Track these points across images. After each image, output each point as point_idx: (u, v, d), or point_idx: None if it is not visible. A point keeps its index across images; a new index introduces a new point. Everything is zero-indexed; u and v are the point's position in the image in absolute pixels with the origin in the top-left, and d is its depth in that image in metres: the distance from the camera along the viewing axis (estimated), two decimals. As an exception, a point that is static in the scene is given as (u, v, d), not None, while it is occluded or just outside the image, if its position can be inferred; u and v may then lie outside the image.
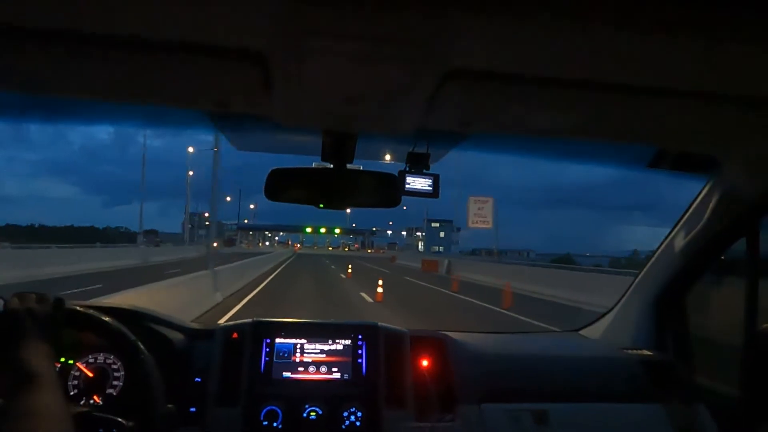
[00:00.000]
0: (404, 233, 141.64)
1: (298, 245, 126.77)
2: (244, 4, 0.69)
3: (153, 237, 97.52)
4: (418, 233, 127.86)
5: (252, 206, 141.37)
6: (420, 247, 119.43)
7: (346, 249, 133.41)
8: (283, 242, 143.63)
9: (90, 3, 0.71)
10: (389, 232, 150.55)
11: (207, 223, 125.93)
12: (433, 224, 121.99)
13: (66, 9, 0.72)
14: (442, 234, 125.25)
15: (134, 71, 0.97)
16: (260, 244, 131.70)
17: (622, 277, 16.09)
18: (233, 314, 12.12)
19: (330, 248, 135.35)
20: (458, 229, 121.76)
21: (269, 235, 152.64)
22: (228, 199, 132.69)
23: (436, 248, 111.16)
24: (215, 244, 79.52)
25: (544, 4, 0.66)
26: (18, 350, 1.21)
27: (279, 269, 31.90)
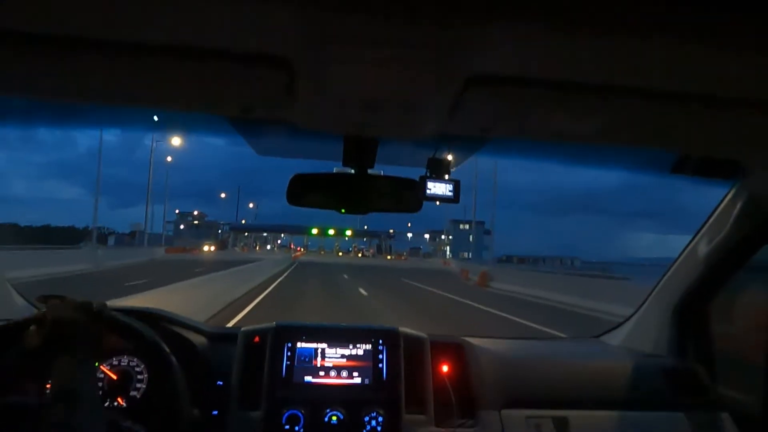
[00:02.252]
0: (426, 236, 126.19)
1: (301, 249, 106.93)
2: (271, 12, 0.70)
3: (123, 237, 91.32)
4: (443, 236, 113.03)
5: (251, 205, 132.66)
6: (447, 253, 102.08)
7: (360, 255, 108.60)
8: (285, 246, 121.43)
9: (119, 11, 0.72)
10: (409, 234, 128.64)
11: (196, 222, 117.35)
12: (461, 226, 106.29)
13: (99, 17, 0.74)
14: (471, 237, 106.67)
15: (161, 77, 0.99)
16: (257, 248, 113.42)
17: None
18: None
19: (340, 253, 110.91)
20: (489, 232, 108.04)
21: (270, 237, 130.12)
22: (223, 195, 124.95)
23: (465, 254, 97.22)
24: (209, 248, 66.97)
25: (565, 10, 0.66)
26: (63, 362, 1.22)
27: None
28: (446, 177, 1.52)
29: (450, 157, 1.51)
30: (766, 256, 1.77)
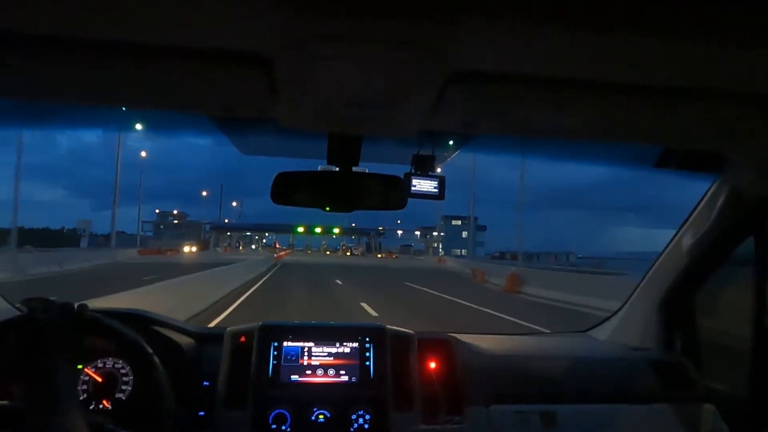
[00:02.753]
0: (417, 233, 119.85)
1: (287, 249, 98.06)
2: (252, 11, 0.70)
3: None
4: (435, 233, 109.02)
5: (234, 204, 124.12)
6: (440, 250, 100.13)
7: (348, 253, 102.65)
8: (270, 245, 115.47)
9: (96, 10, 0.71)
10: (399, 232, 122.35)
11: (176, 222, 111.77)
12: (453, 222, 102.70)
13: (71, 15, 0.73)
14: (464, 234, 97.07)
15: (141, 77, 0.98)
16: (240, 248, 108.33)
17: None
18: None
19: (327, 252, 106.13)
20: (484, 228, 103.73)
21: (256, 237, 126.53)
22: (204, 193, 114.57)
23: (458, 251, 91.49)
24: (190, 249, 63.96)
25: (547, 5, 0.66)
26: (42, 363, 1.22)
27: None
28: (431, 174, 1.53)
29: (435, 154, 1.52)
30: (750, 248, 1.78)
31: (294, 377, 1.81)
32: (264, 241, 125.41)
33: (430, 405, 1.83)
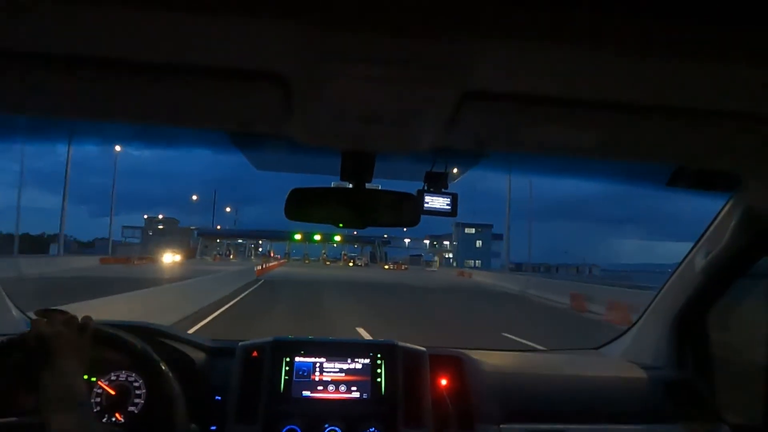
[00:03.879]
0: (426, 242, 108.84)
1: (282, 258, 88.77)
2: (267, 31, 0.71)
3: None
4: (446, 242, 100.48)
5: (228, 209, 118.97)
6: (452, 261, 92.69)
7: (351, 264, 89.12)
8: (265, 254, 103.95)
9: (119, 30, 0.73)
10: (407, 240, 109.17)
11: (160, 227, 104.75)
12: (466, 230, 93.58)
13: (99, 36, 0.75)
14: (479, 243, 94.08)
15: (158, 94, 1.00)
16: (232, 257, 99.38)
17: None
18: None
19: (327, 263, 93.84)
20: (500, 237, 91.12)
21: (252, 245, 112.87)
22: (194, 197, 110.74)
23: (471, 262, 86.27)
24: (173, 257, 56.66)
25: (560, 27, 0.67)
26: (46, 373, 1.25)
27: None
28: (443, 190, 1.53)
29: (448, 171, 1.52)
30: (765, 266, 1.77)
31: (306, 393, 1.81)
32: (260, 249, 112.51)
33: (440, 422, 1.82)
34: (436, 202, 1.53)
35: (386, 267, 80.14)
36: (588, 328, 14.82)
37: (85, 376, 1.68)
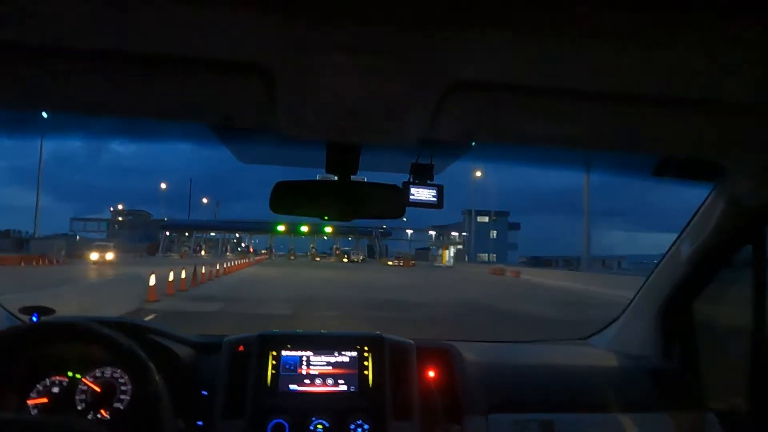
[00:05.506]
0: (432, 233, 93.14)
1: (262, 254, 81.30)
2: (252, 22, 0.70)
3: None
4: (454, 233, 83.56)
5: (204, 200, 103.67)
6: (448, 256, 77.36)
7: (345, 259, 74.05)
8: (244, 249, 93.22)
9: (100, 21, 0.72)
10: (409, 231, 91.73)
11: (120, 219, 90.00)
12: (479, 218, 75.91)
13: (79, 26, 0.74)
14: (493, 233, 77.02)
15: (139, 86, 0.99)
16: (203, 252, 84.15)
17: None
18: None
19: (317, 258, 79.25)
20: (516, 226, 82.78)
21: (234, 238, 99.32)
22: (163, 186, 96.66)
23: (485, 256, 74.69)
24: (100, 255, 41.04)
25: (544, 18, 0.67)
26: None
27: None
28: (429, 182, 1.53)
29: (433, 163, 1.52)
30: (748, 255, 1.78)
31: (292, 386, 1.81)
32: (243, 244, 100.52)
33: (428, 414, 1.82)
34: (422, 193, 1.52)
35: (389, 263, 66.26)
36: None
37: (69, 373, 1.68)
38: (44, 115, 1.35)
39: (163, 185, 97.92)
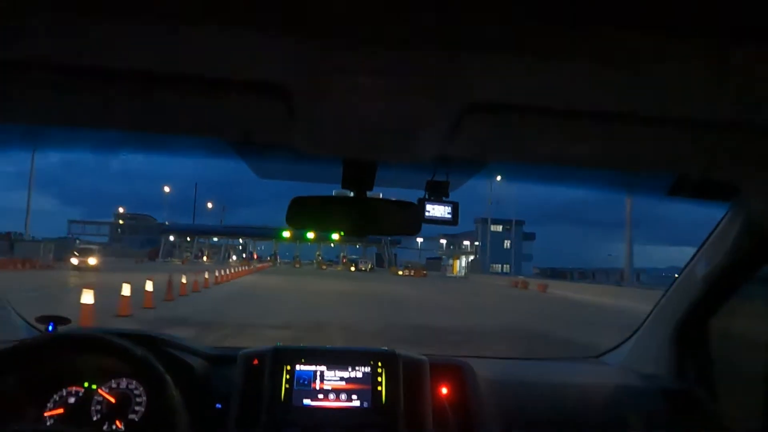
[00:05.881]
0: (443, 241, 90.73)
1: (268, 261, 79.46)
2: (272, 44, 0.72)
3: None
4: (466, 242, 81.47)
5: (209, 205, 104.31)
6: (460, 267, 77.41)
7: (352, 268, 70.79)
8: (246, 256, 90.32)
9: (126, 41, 0.75)
10: (420, 240, 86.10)
11: (121, 222, 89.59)
12: (493, 227, 73.31)
13: (106, 47, 0.76)
14: (506, 243, 75.55)
15: (164, 104, 1.02)
16: (205, 258, 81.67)
17: None
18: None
19: (323, 266, 77.35)
20: (531, 237, 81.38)
21: (240, 245, 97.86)
22: (167, 189, 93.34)
23: (498, 267, 73.70)
24: (90, 259, 36.29)
25: (559, 40, 0.68)
26: None
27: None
28: (444, 199, 1.54)
29: (449, 180, 1.53)
30: (764, 274, 1.77)
31: (306, 401, 1.81)
32: (249, 250, 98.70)
33: (441, 431, 1.82)
34: (437, 210, 1.54)
35: (400, 272, 62.69)
36: None
37: (86, 384, 1.69)
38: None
39: (166, 188, 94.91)
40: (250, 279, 33.85)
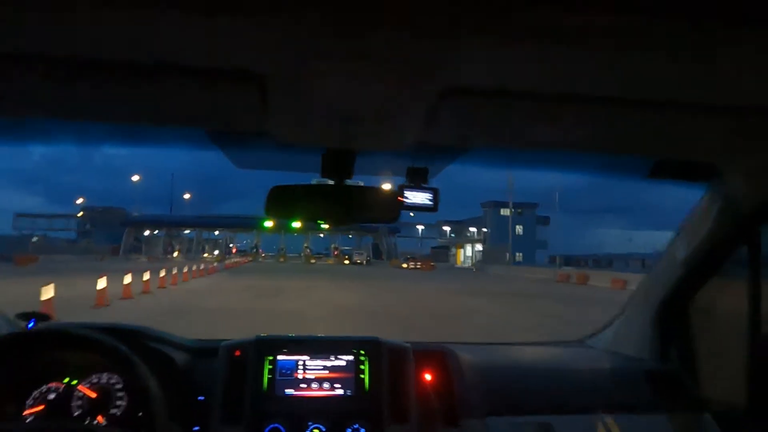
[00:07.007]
0: (447, 228, 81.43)
1: (247, 256, 71.31)
2: (246, 30, 0.71)
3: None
4: (472, 228, 73.92)
5: (187, 196, 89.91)
6: (464, 256, 71.99)
7: (346, 261, 65.99)
8: (222, 251, 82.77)
9: (93, 30, 0.73)
10: (420, 227, 79.56)
11: (81, 214, 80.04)
12: (502, 211, 64.75)
13: (68, 35, 0.75)
14: (519, 229, 66.27)
15: (136, 94, 1.00)
16: (175, 254, 73.63)
17: None
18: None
19: (312, 260, 70.54)
20: (546, 221, 71.87)
21: (221, 240, 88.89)
22: (135, 178, 78.54)
23: (508, 255, 59.64)
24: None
25: (537, 23, 0.67)
26: None
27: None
28: (424, 185, 1.54)
29: (428, 167, 1.53)
30: (743, 256, 1.77)
31: (289, 391, 1.81)
32: (230, 245, 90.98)
33: (426, 417, 1.82)
34: (417, 197, 1.53)
35: (404, 266, 54.74)
36: None
37: (66, 380, 1.67)
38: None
39: (135, 177, 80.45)
40: (207, 282, 25.31)
